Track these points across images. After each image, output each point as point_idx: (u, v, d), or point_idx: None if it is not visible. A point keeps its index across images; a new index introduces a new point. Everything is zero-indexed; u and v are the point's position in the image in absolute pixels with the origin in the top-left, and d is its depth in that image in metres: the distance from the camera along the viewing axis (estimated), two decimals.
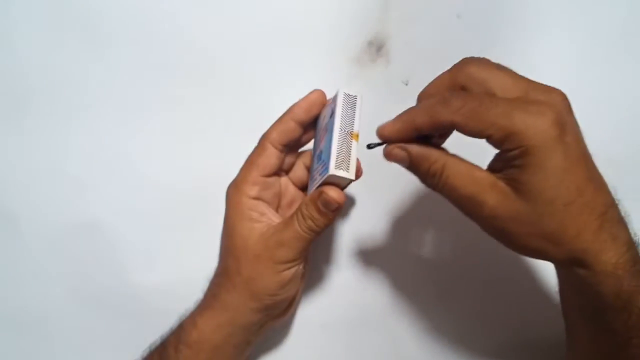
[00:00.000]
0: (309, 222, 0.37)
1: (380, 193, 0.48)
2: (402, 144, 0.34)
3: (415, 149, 0.34)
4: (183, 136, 0.49)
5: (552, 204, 0.31)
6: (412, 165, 0.34)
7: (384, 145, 0.35)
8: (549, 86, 0.32)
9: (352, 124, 0.37)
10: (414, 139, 0.34)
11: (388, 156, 0.35)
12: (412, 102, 0.48)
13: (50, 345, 0.49)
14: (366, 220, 0.48)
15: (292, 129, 0.39)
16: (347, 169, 0.36)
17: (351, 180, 0.36)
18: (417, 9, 0.48)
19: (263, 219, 0.39)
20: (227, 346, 0.40)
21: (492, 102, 0.31)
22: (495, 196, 0.31)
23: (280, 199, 0.42)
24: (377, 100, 0.48)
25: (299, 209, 0.38)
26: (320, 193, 0.36)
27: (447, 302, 0.48)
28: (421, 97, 0.36)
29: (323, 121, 0.39)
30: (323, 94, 0.39)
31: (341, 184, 0.37)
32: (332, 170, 0.35)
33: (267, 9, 0.48)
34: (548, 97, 0.31)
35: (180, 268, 0.49)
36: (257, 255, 0.38)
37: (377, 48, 0.48)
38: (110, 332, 0.48)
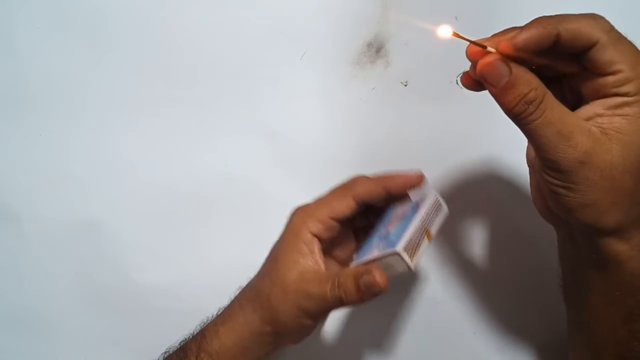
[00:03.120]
0: (341, 292, 0.36)
1: None
2: (505, 58, 0.30)
3: (518, 67, 0.30)
4: (183, 136, 0.49)
5: None
6: (508, 85, 0.30)
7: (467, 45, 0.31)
8: None
9: (432, 223, 0.37)
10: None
11: (486, 67, 0.30)
12: (412, 103, 0.49)
13: (50, 344, 0.49)
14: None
15: (377, 194, 0.39)
16: (412, 257, 0.34)
17: (404, 272, 0.34)
18: (415, 10, 0.48)
19: (309, 257, 0.39)
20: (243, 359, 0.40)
21: None
22: (589, 140, 0.30)
23: (332, 249, 0.42)
24: (377, 101, 0.48)
25: (338, 275, 0.37)
26: (367, 271, 0.35)
27: (448, 300, 0.48)
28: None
29: (400, 208, 0.39)
30: (422, 180, 0.39)
31: (393, 270, 0.35)
32: (400, 249, 0.33)
33: (267, 10, 0.49)
34: None
35: (180, 268, 0.49)
36: (287, 292, 0.38)
37: (376, 49, 0.48)
38: (111, 332, 0.49)
